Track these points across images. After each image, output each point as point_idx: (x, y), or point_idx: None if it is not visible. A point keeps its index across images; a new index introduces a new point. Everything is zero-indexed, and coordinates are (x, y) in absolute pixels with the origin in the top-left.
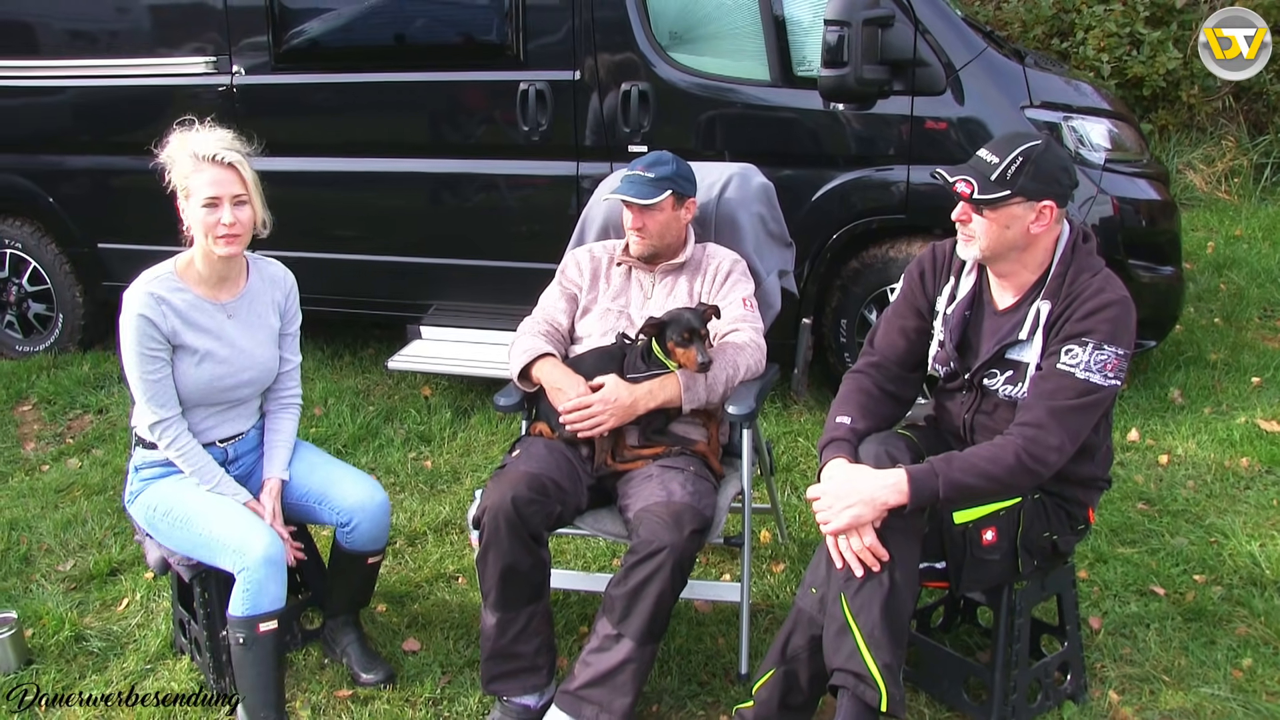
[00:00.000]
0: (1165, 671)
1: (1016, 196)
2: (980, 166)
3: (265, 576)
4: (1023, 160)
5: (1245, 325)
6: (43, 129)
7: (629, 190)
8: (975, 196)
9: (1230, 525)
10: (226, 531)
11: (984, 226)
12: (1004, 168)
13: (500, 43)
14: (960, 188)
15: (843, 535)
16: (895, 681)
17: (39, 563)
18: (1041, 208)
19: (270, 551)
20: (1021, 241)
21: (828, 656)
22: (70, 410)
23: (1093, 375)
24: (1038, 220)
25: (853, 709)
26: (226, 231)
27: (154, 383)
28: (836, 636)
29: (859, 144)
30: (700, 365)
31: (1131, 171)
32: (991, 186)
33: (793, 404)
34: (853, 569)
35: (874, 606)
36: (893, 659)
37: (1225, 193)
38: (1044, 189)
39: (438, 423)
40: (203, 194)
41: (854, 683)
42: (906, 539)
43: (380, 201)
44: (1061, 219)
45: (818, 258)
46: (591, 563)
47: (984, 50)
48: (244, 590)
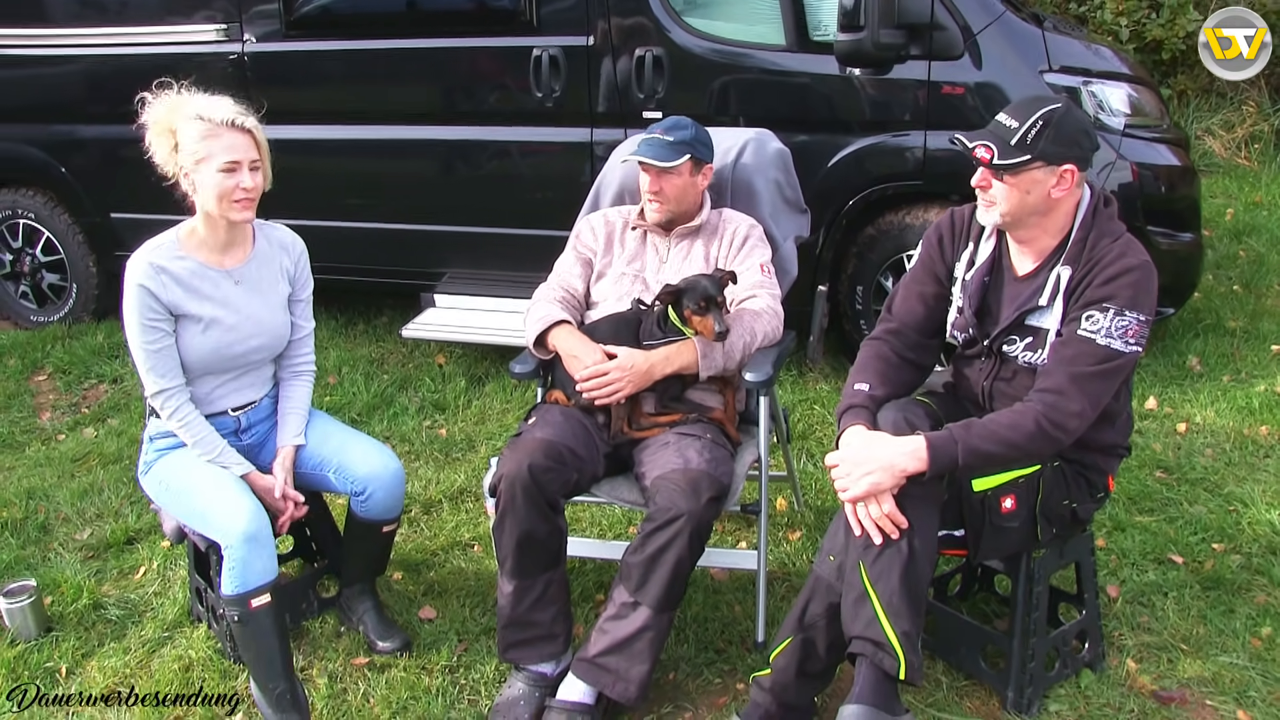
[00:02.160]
0: (1183, 640)
1: (1037, 161)
2: (999, 131)
3: (248, 554)
4: (1043, 124)
5: (1265, 293)
6: (54, 99)
7: (648, 152)
8: (996, 161)
9: (1249, 494)
10: (210, 507)
11: (1004, 192)
12: (1024, 132)
13: (513, 8)
14: (980, 153)
15: (861, 503)
16: (914, 649)
17: (56, 531)
18: (1063, 171)
19: (250, 528)
20: (1043, 206)
21: (846, 624)
22: (85, 380)
23: (1114, 341)
24: (1059, 184)
25: (871, 677)
26: (244, 196)
27: (155, 353)
28: (855, 604)
29: (875, 109)
30: (717, 334)
31: (1151, 137)
32: (1012, 151)
33: (809, 371)
34: (871, 536)
35: (893, 574)
36: (911, 627)
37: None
38: (1065, 153)
39: (452, 391)
40: (222, 158)
41: (872, 650)
42: (926, 506)
43: (393, 169)
44: (1082, 183)
45: (834, 224)
46: (608, 530)
47: (1002, 14)
48: (229, 569)
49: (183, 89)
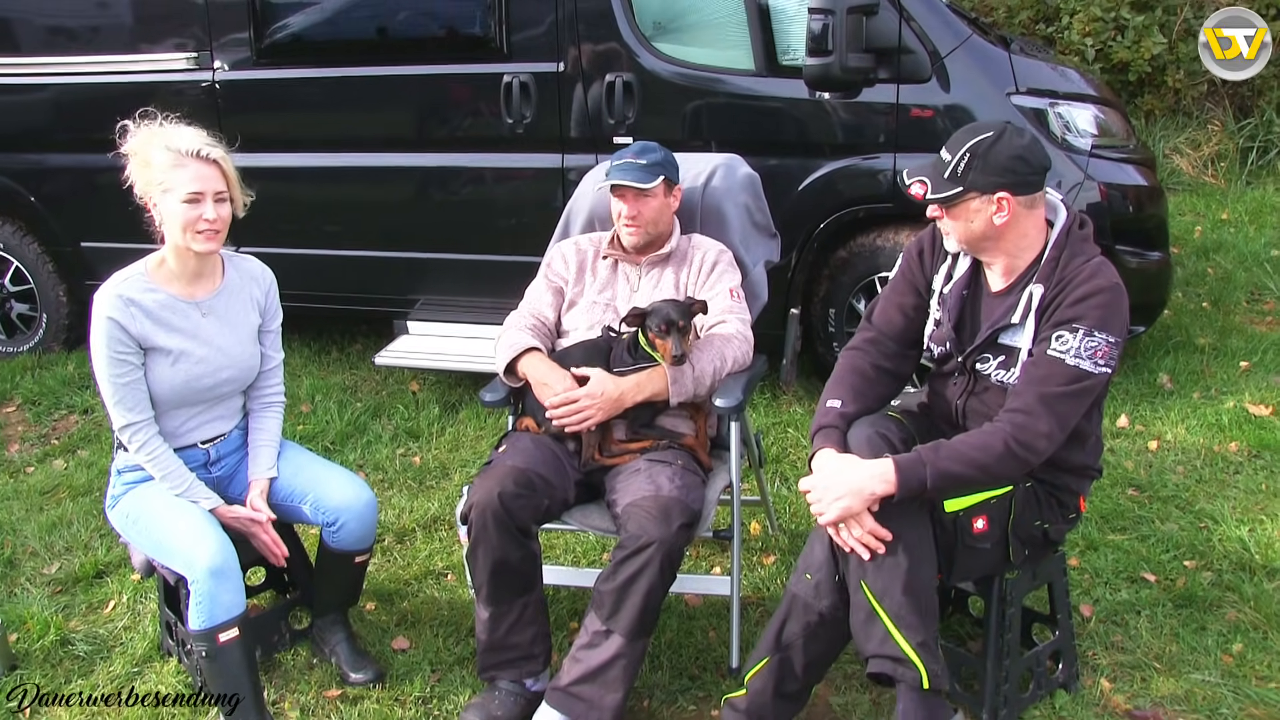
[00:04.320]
0: (1156, 658)
1: (970, 192)
2: (936, 165)
3: (214, 588)
4: (970, 155)
5: (1233, 309)
6: (24, 127)
7: (625, 176)
8: (929, 196)
9: (1220, 510)
10: (177, 541)
11: (950, 223)
12: (953, 165)
13: (484, 35)
14: (915, 189)
15: (841, 524)
16: (933, 657)
17: (24, 566)
18: (998, 199)
19: (215, 563)
20: (991, 232)
21: (860, 645)
22: (55, 411)
23: (1083, 362)
24: (999, 211)
25: (906, 695)
26: (208, 227)
27: (123, 386)
28: (865, 623)
29: (845, 133)
30: (674, 358)
31: (1118, 157)
32: (944, 184)
33: (782, 394)
34: (860, 555)
35: (896, 587)
36: (926, 635)
37: (1212, 176)
38: (996, 180)
39: (426, 418)
40: (185, 189)
41: (893, 667)
42: (913, 514)
43: (365, 196)
44: (1034, 205)
45: (805, 247)
46: (581, 558)
47: (969, 37)
48: (196, 603)
49: (164, 120)
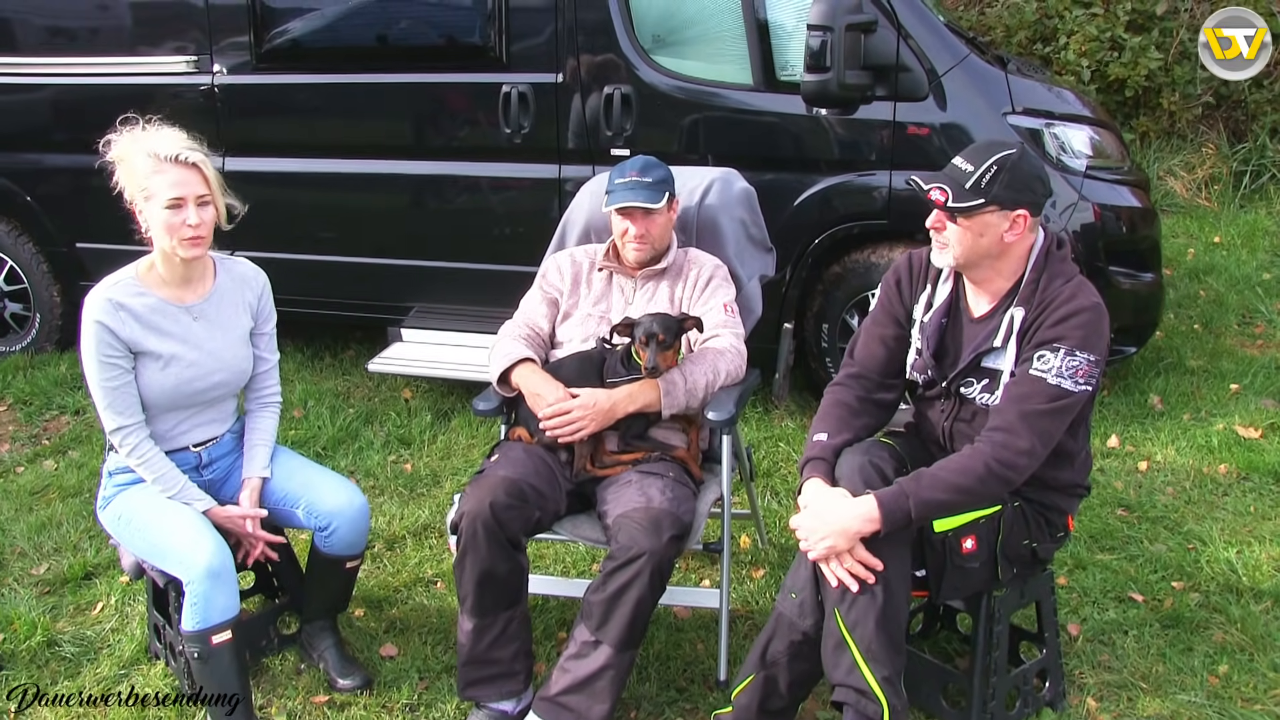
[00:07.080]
0: (1143, 678)
1: (991, 205)
2: (955, 174)
3: (210, 589)
4: (997, 168)
5: (1224, 332)
6: (21, 127)
7: (636, 197)
8: (950, 204)
9: (1208, 532)
10: (172, 543)
11: (958, 234)
12: (978, 176)
13: (483, 44)
14: (935, 195)
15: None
16: (896, 693)
17: (11, 566)
18: (1016, 216)
19: (212, 564)
20: (995, 249)
21: (827, 670)
22: (46, 411)
23: (1064, 380)
24: (1012, 229)
25: None
26: (192, 233)
27: (113, 389)
28: (834, 652)
29: (841, 149)
30: (648, 369)
31: (1113, 178)
32: (966, 194)
33: (774, 409)
34: (848, 586)
35: (869, 620)
36: (891, 671)
37: (1205, 199)
38: (1018, 197)
39: (418, 426)
40: (166, 195)
41: (855, 698)
42: (897, 548)
43: (362, 203)
44: (1035, 227)
45: (799, 262)
46: (571, 568)
47: (966, 56)
48: (191, 604)
49: (146, 124)
